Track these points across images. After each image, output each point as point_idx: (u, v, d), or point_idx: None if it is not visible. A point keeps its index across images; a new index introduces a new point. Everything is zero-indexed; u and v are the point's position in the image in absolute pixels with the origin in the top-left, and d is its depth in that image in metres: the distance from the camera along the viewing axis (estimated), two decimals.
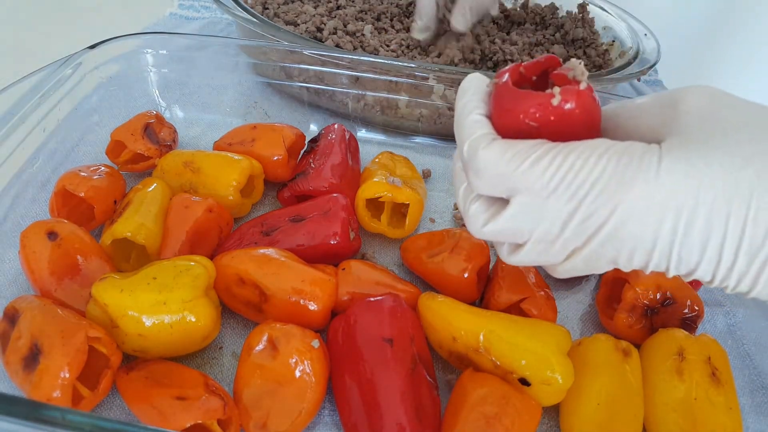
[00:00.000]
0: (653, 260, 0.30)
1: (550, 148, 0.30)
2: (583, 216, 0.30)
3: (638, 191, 0.28)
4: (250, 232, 0.51)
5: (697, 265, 0.29)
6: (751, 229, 0.28)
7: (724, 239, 0.28)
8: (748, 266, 0.29)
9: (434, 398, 0.40)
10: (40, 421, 0.29)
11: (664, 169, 0.28)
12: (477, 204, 0.33)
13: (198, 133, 0.67)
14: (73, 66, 0.57)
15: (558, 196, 0.30)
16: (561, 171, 0.29)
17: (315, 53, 0.64)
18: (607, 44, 0.82)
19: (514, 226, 0.32)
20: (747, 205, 0.28)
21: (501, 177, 0.30)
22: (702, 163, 0.28)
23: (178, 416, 0.35)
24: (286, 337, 0.40)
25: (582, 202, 0.29)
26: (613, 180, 0.29)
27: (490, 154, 0.31)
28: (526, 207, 0.31)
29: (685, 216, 0.28)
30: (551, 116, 0.31)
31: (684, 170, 0.28)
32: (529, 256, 0.33)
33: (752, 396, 0.47)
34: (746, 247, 0.28)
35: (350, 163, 0.58)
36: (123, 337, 0.40)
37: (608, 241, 0.30)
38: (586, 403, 0.40)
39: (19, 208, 0.53)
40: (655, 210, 0.28)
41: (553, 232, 0.31)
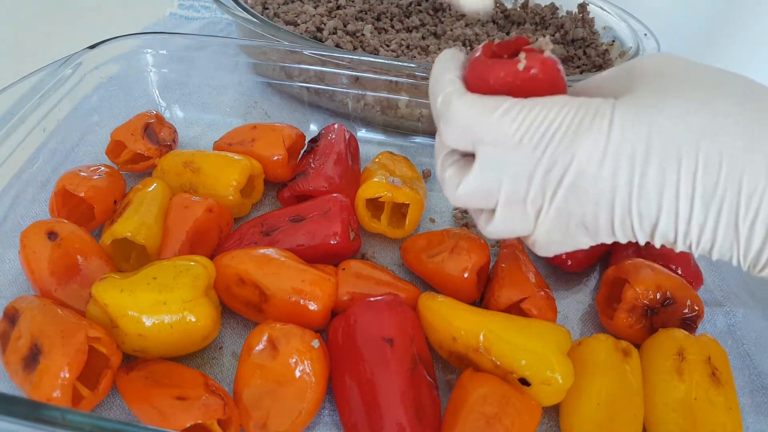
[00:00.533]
0: (617, 216, 0.31)
1: (517, 101, 0.31)
2: (546, 166, 0.31)
3: (593, 139, 0.30)
4: (250, 232, 0.51)
5: (657, 219, 0.30)
6: (702, 174, 0.28)
7: (678, 186, 0.29)
8: (705, 216, 0.29)
9: (434, 398, 0.40)
10: (40, 421, 0.29)
11: (617, 116, 0.29)
12: (452, 168, 0.35)
13: (198, 133, 0.67)
14: (73, 66, 0.57)
15: (523, 146, 0.31)
16: (526, 121, 0.31)
17: (315, 53, 0.64)
18: (607, 44, 0.82)
19: (483, 182, 0.33)
20: (696, 149, 0.28)
21: (470, 127, 0.32)
22: (652, 110, 0.29)
23: (178, 416, 0.35)
24: (286, 337, 0.40)
25: (545, 152, 0.31)
26: (571, 129, 0.30)
27: (462, 104, 0.32)
28: (493, 159, 0.32)
29: (638, 163, 0.29)
30: (518, 81, 0.33)
31: (635, 117, 0.29)
32: (504, 223, 0.34)
33: (752, 396, 0.47)
34: (700, 194, 0.29)
35: (350, 163, 0.58)
36: (123, 337, 0.40)
37: (571, 194, 0.31)
38: (586, 403, 0.40)
39: (19, 208, 0.53)
40: (610, 158, 0.29)
41: (521, 190, 0.32)
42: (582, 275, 0.55)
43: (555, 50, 0.77)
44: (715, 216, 0.29)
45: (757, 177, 0.28)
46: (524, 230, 0.35)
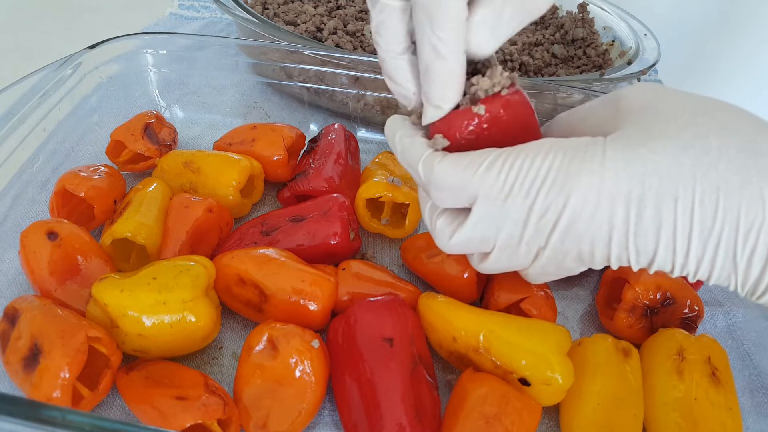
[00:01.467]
0: (614, 252, 0.31)
1: (500, 152, 0.31)
2: (539, 213, 0.31)
3: (586, 182, 0.29)
4: (250, 232, 0.51)
5: (654, 254, 0.30)
6: (699, 211, 0.28)
7: (675, 224, 0.29)
8: (703, 250, 0.29)
9: (434, 398, 0.40)
10: (40, 421, 0.29)
11: (608, 157, 0.29)
12: (442, 218, 0.34)
13: (198, 133, 0.67)
14: (73, 66, 0.57)
15: (514, 197, 0.31)
16: (513, 172, 0.30)
17: (315, 53, 0.64)
18: (607, 44, 0.82)
19: (479, 233, 0.33)
20: (692, 187, 0.28)
21: (460, 187, 0.32)
22: (644, 149, 0.29)
23: (178, 416, 0.35)
24: (286, 337, 0.40)
25: (536, 199, 0.30)
26: (561, 173, 0.30)
27: (445, 167, 0.32)
28: (487, 212, 0.32)
29: (634, 203, 0.29)
30: (483, 125, 0.33)
31: (627, 157, 0.29)
32: (498, 263, 0.34)
33: (752, 396, 0.47)
34: (698, 230, 0.29)
35: (350, 163, 0.58)
36: (123, 337, 0.40)
37: (567, 236, 0.31)
38: (586, 403, 0.40)
39: (19, 208, 0.53)
40: (605, 199, 0.29)
41: (516, 235, 0.32)
42: (582, 275, 0.55)
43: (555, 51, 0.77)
44: (713, 250, 0.29)
45: (754, 211, 0.28)
46: (519, 267, 0.35)
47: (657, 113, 0.30)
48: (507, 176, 0.30)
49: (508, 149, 0.31)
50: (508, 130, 0.33)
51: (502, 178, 0.31)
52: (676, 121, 0.30)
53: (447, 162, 0.32)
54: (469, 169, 0.31)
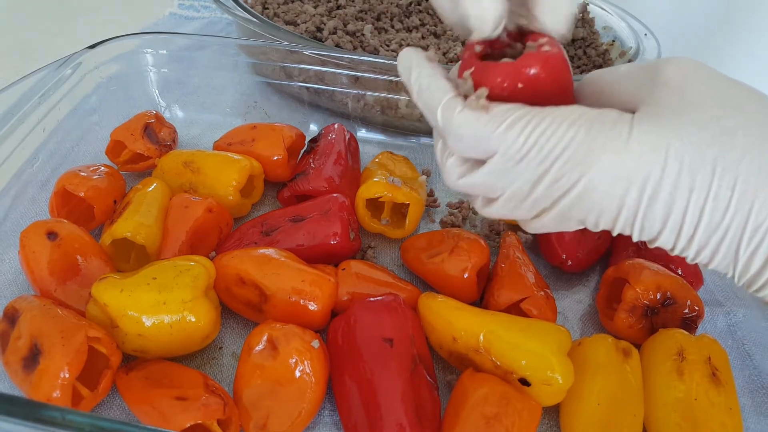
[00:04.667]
0: (618, 225, 0.31)
1: (526, 112, 0.30)
2: (551, 180, 0.30)
3: (607, 161, 0.29)
4: (250, 232, 0.51)
5: (659, 234, 0.30)
6: (712, 204, 0.28)
7: (685, 213, 0.29)
8: (707, 240, 0.29)
9: (434, 398, 0.40)
10: (40, 421, 0.29)
11: (634, 139, 0.29)
12: (453, 158, 0.34)
13: (198, 133, 0.67)
14: (73, 66, 0.57)
15: (529, 160, 0.30)
16: (533, 136, 0.30)
17: (315, 53, 0.64)
18: (607, 44, 0.82)
19: (488, 182, 0.32)
20: (710, 181, 0.28)
21: (478, 140, 0.31)
22: (672, 135, 0.29)
23: (178, 416, 0.35)
24: (286, 337, 0.40)
25: (551, 168, 0.30)
26: (582, 148, 0.29)
27: (466, 118, 0.31)
28: (500, 167, 0.31)
29: (650, 187, 0.29)
30: (518, 84, 0.31)
31: (653, 142, 0.29)
32: (501, 211, 0.34)
33: (752, 396, 0.47)
34: (706, 222, 0.29)
35: (350, 163, 0.58)
36: (123, 337, 0.40)
37: (575, 205, 0.31)
38: (586, 403, 0.40)
39: (19, 208, 0.53)
40: (622, 180, 0.29)
41: (524, 192, 0.32)
42: (582, 275, 0.55)
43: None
44: (717, 242, 0.29)
45: (765, 214, 0.28)
46: (520, 218, 0.34)
47: (690, 97, 0.30)
48: (527, 139, 0.30)
49: (534, 110, 0.30)
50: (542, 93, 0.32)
51: (522, 140, 0.30)
52: (708, 110, 0.29)
53: (468, 113, 0.31)
54: (489, 125, 0.30)
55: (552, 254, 0.53)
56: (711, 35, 0.93)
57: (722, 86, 0.31)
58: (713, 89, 0.30)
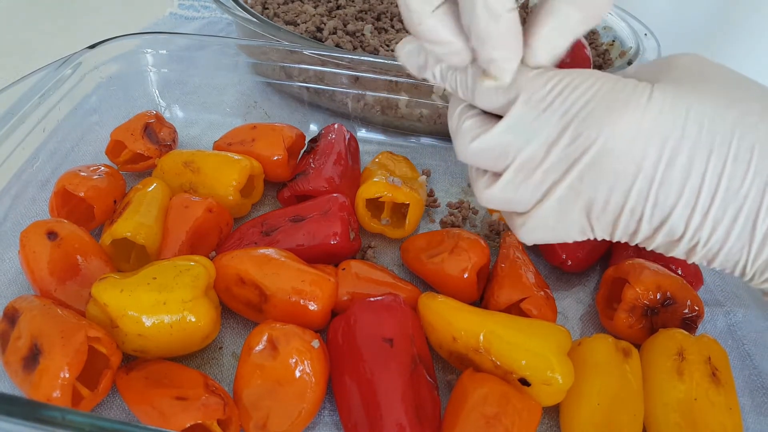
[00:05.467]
0: (629, 203, 0.30)
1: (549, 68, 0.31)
2: (572, 136, 0.30)
3: (628, 114, 0.29)
4: (250, 232, 0.51)
5: (672, 210, 0.29)
6: (731, 168, 0.28)
7: (704, 176, 0.28)
8: (724, 210, 0.29)
9: (434, 398, 0.40)
10: (40, 421, 0.29)
11: (655, 97, 0.29)
12: (471, 121, 0.33)
13: (198, 133, 0.67)
14: (73, 66, 0.57)
15: (553, 111, 0.30)
16: (560, 84, 0.30)
17: (315, 53, 0.64)
18: (607, 44, 0.82)
19: (503, 142, 0.31)
20: (729, 142, 0.28)
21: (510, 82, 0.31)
22: (693, 97, 0.29)
23: (178, 416, 0.35)
24: (286, 337, 0.40)
25: (572, 120, 0.30)
26: (605, 101, 0.29)
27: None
28: (521, 119, 0.31)
29: (669, 147, 0.28)
30: None
31: (673, 102, 0.29)
32: (505, 191, 0.32)
33: (752, 396, 0.47)
34: (724, 187, 0.28)
35: (350, 163, 0.58)
36: (123, 337, 0.40)
37: (589, 171, 0.30)
38: (586, 403, 0.40)
39: (19, 208, 0.53)
40: (641, 138, 0.29)
41: (538, 157, 0.31)
42: (582, 275, 0.55)
43: None
44: (733, 213, 0.28)
45: None
46: (522, 204, 0.33)
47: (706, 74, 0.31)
48: (554, 87, 0.30)
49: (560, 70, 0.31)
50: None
51: (549, 87, 0.30)
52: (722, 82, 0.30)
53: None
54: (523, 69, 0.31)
55: (552, 254, 0.53)
56: (711, 35, 0.93)
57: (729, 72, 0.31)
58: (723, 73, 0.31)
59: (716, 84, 0.30)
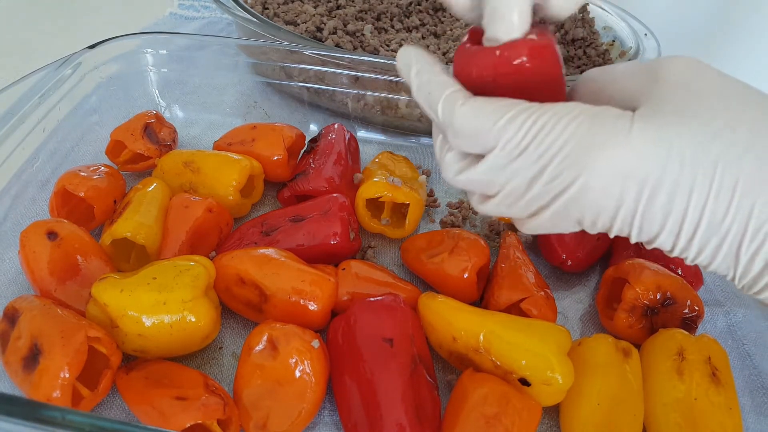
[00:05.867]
0: (616, 226, 0.30)
1: (527, 107, 0.30)
2: (549, 177, 0.30)
3: (606, 157, 0.28)
4: (250, 232, 0.51)
5: (657, 235, 0.30)
6: (713, 205, 0.28)
7: (686, 213, 0.28)
8: (707, 241, 0.29)
9: (434, 398, 0.40)
10: (40, 421, 0.29)
11: (634, 135, 0.28)
12: (452, 154, 0.34)
13: (198, 133, 0.67)
14: (73, 66, 0.57)
15: (528, 155, 0.30)
16: (533, 130, 0.29)
17: (315, 53, 0.64)
18: (607, 44, 0.82)
19: (485, 178, 0.32)
20: (711, 179, 0.28)
21: (477, 134, 0.31)
22: (673, 132, 0.28)
23: (178, 416, 0.35)
24: (286, 337, 0.40)
25: (549, 164, 0.30)
26: (582, 143, 0.29)
27: (467, 112, 0.31)
28: (498, 162, 0.31)
29: (649, 186, 0.28)
30: (503, 70, 0.31)
31: (654, 138, 0.28)
32: (498, 209, 0.33)
33: (752, 396, 0.47)
34: (706, 223, 0.28)
35: (350, 163, 0.58)
36: (123, 337, 0.40)
37: (572, 204, 0.30)
38: (586, 403, 0.40)
39: (19, 208, 0.53)
40: (620, 178, 0.28)
41: (521, 189, 0.31)
42: (582, 275, 0.55)
43: None
44: (717, 242, 0.29)
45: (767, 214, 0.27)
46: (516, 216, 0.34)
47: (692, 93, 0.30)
48: (527, 133, 0.30)
49: (534, 105, 0.30)
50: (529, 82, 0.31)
51: (521, 135, 0.30)
52: (709, 106, 0.29)
53: (468, 107, 0.31)
54: (490, 119, 0.30)
55: (552, 254, 0.53)
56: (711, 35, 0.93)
57: (723, 83, 0.30)
58: (714, 86, 0.30)
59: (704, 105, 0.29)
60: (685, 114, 0.29)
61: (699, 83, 0.30)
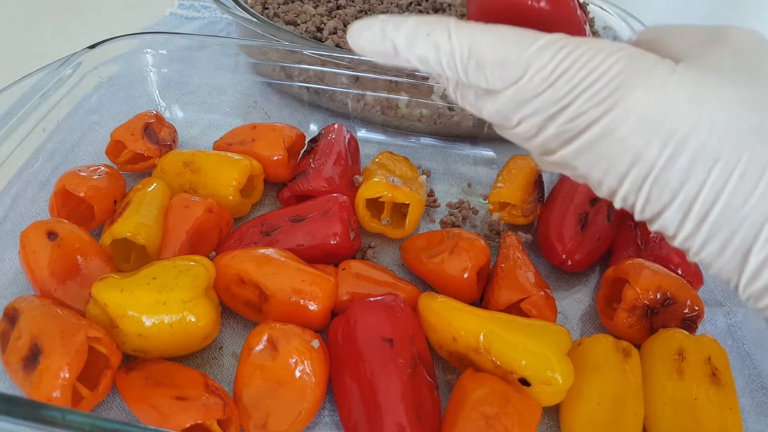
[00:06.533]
0: (622, 189, 0.27)
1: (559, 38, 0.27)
2: (573, 114, 0.27)
3: (637, 98, 0.26)
4: (250, 232, 0.51)
5: (664, 209, 0.27)
6: (735, 184, 0.25)
7: (702, 187, 0.25)
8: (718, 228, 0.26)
9: (434, 398, 0.40)
10: (40, 421, 0.29)
11: (671, 85, 0.26)
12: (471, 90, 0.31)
13: (198, 133, 0.67)
14: (73, 66, 0.57)
15: (555, 90, 0.27)
16: (568, 60, 0.27)
17: (315, 53, 0.64)
18: None
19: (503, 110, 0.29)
20: (740, 154, 0.25)
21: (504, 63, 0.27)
22: (712, 92, 0.25)
23: (178, 416, 0.35)
24: (286, 337, 0.40)
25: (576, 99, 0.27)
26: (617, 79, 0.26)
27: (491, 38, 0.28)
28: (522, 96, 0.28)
29: (672, 144, 0.25)
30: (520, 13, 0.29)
31: (691, 93, 0.25)
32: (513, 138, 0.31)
33: (752, 396, 0.47)
34: (721, 205, 0.25)
35: (350, 163, 0.58)
36: (123, 337, 0.40)
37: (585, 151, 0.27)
38: (586, 403, 0.40)
39: (19, 208, 0.53)
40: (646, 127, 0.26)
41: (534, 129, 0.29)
42: (582, 275, 0.55)
43: None
44: (728, 233, 0.26)
45: None
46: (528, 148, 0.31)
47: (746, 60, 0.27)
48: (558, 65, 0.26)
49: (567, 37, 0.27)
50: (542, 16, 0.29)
51: (552, 66, 0.27)
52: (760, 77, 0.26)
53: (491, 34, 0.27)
54: (519, 45, 0.27)
55: (552, 254, 0.53)
56: None
57: None
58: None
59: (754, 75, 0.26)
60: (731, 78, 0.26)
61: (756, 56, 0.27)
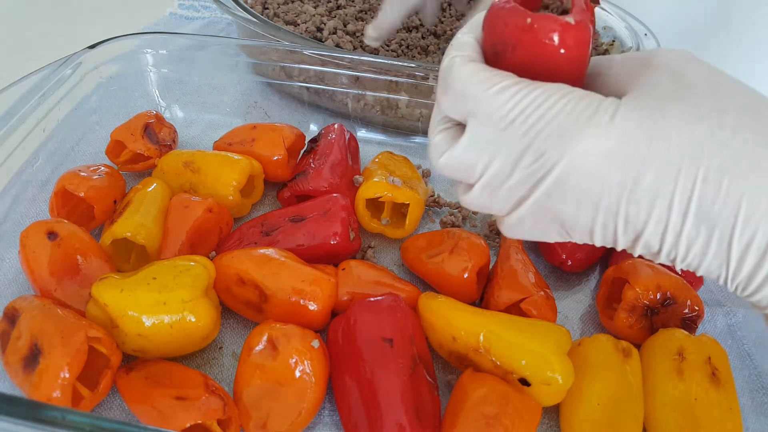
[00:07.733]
0: (599, 219, 0.29)
1: (518, 81, 0.30)
2: (534, 155, 0.29)
3: (590, 135, 0.28)
4: (250, 232, 0.51)
5: (644, 226, 0.29)
6: (701, 188, 0.27)
7: (673, 197, 0.27)
8: (697, 230, 0.28)
9: (434, 398, 0.40)
10: (40, 421, 0.29)
11: (619, 116, 0.28)
12: (441, 135, 0.33)
13: (198, 133, 0.67)
14: (73, 66, 0.57)
15: (514, 129, 0.29)
16: (522, 103, 0.29)
17: (315, 53, 0.64)
18: (607, 44, 0.82)
19: (468, 158, 0.31)
20: (699, 162, 0.27)
21: (465, 96, 0.30)
22: (658, 114, 0.28)
23: (178, 416, 0.36)
24: (286, 337, 0.40)
25: (535, 139, 0.29)
26: (569, 119, 0.28)
27: (463, 72, 0.31)
28: (483, 136, 0.30)
29: (635, 166, 0.27)
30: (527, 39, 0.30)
31: (639, 118, 0.28)
32: (480, 198, 0.33)
33: (752, 396, 0.47)
34: (695, 208, 0.27)
35: (350, 163, 0.58)
36: (123, 337, 0.40)
37: (555, 189, 0.29)
38: (586, 403, 0.40)
39: (19, 208, 0.53)
40: (606, 158, 0.28)
41: (503, 174, 0.31)
42: (582, 275, 0.55)
43: None
44: (707, 233, 0.28)
45: (758, 200, 0.26)
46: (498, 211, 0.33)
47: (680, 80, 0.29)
48: (515, 105, 0.29)
49: (526, 81, 0.29)
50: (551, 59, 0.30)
51: (510, 106, 0.29)
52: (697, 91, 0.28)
53: (468, 67, 0.31)
54: (482, 84, 0.30)
55: (552, 254, 0.53)
56: (711, 35, 0.93)
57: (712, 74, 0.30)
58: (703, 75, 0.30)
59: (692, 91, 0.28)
60: (672, 98, 0.28)
61: (688, 72, 0.30)
